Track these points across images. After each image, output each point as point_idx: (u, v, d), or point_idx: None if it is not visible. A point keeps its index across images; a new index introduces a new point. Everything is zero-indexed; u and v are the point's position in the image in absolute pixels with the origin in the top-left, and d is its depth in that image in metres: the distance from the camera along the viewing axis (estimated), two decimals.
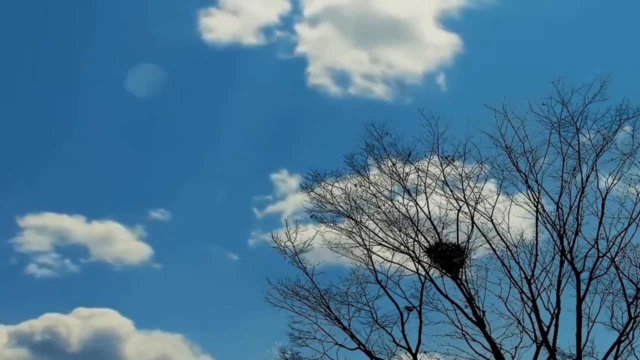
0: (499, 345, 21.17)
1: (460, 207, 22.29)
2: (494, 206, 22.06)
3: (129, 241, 46.58)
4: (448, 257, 22.08)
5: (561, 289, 21.22)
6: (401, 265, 22.47)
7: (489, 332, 21.34)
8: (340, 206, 22.84)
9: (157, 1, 51.72)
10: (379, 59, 47.64)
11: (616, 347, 20.70)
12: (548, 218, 21.79)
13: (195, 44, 49.69)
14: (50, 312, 42.78)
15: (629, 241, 21.32)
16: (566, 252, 21.41)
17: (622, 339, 20.78)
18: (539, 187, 21.89)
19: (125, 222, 46.54)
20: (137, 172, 51.15)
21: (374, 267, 22.50)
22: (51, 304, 43.94)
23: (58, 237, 46.24)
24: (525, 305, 21.38)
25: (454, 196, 22.36)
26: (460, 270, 22.13)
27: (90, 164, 50.61)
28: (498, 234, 21.96)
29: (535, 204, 21.87)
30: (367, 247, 22.67)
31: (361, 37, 49.08)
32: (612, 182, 21.65)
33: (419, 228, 22.46)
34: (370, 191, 22.83)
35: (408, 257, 22.45)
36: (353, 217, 22.83)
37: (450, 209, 22.38)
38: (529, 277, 21.48)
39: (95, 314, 43.59)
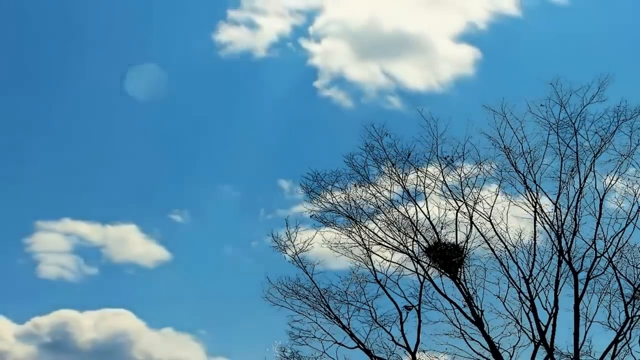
0: (497, 345, 21.32)
1: (459, 207, 22.44)
2: (492, 206, 22.24)
3: (144, 244, 47.12)
4: (447, 257, 22.22)
5: (559, 288, 21.38)
6: (400, 265, 22.64)
7: (487, 332, 21.49)
8: (340, 206, 23.01)
9: (174, 14, 53.18)
10: (392, 72, 48.05)
11: (613, 347, 20.84)
12: (546, 218, 21.95)
13: (210, 57, 51.07)
14: (64, 312, 43.26)
15: (626, 241, 21.51)
16: (564, 252, 21.54)
17: (620, 338, 20.93)
18: (537, 187, 22.10)
19: (141, 225, 47.00)
20: (151, 176, 51.94)
21: (373, 266, 22.68)
22: (65, 305, 44.46)
23: (74, 240, 46.76)
24: (524, 304, 21.54)
25: (452, 196, 22.53)
26: (459, 270, 22.27)
27: (103, 167, 51.56)
28: (496, 234, 22.16)
29: (534, 205, 22.02)
30: (367, 246, 22.84)
31: (374, 51, 49.77)
32: (610, 183, 21.81)
33: (418, 228, 22.62)
34: (369, 191, 23.01)
35: (407, 256, 22.62)
36: (353, 217, 23.01)
37: (449, 209, 22.56)
38: (527, 277, 21.63)
39: (109, 315, 44.02)
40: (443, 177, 22.58)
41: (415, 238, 22.61)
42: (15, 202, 48.49)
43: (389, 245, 22.75)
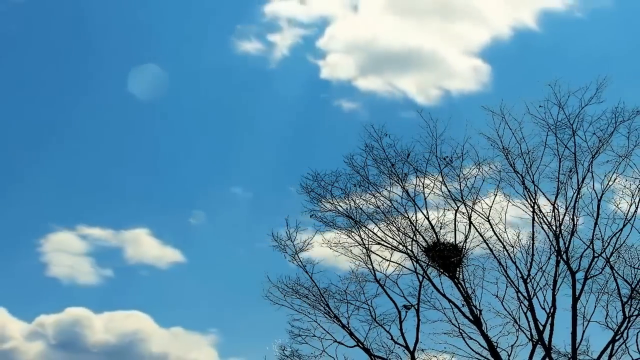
0: (496, 344, 21.43)
1: (458, 207, 22.56)
2: (491, 207, 22.34)
3: (158, 246, 47.50)
4: (446, 257, 22.34)
5: (557, 288, 21.47)
6: (399, 264, 22.77)
7: (485, 331, 21.61)
8: (340, 206, 23.16)
9: (189, 23, 53.97)
10: (402, 85, 48.33)
11: (610, 346, 20.95)
12: (544, 219, 22.05)
13: (225, 66, 51.76)
14: (77, 313, 43.65)
15: (623, 242, 21.56)
16: (562, 252, 21.65)
17: (617, 338, 21.03)
18: (536, 188, 22.20)
19: (154, 228, 47.33)
20: (164, 178, 52.56)
21: (372, 266, 22.80)
22: (79, 306, 44.76)
23: (90, 242, 47.11)
24: (522, 304, 21.65)
25: (451, 196, 22.66)
26: (458, 269, 22.40)
27: (116, 170, 51.91)
28: (495, 234, 22.27)
29: (532, 205, 22.12)
30: (366, 246, 22.97)
31: (385, 63, 50.16)
32: (608, 184, 21.92)
33: (417, 228, 22.74)
34: (369, 191, 23.16)
35: (406, 256, 22.74)
36: (352, 216, 23.13)
37: (448, 209, 22.68)
38: (525, 277, 21.74)
39: (122, 316, 44.39)
40: (442, 177, 22.72)
41: (415, 238, 22.74)
42: (30, 206, 48.91)
43: (388, 245, 22.89)
